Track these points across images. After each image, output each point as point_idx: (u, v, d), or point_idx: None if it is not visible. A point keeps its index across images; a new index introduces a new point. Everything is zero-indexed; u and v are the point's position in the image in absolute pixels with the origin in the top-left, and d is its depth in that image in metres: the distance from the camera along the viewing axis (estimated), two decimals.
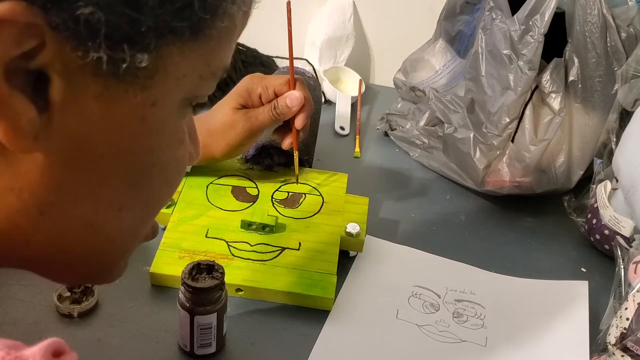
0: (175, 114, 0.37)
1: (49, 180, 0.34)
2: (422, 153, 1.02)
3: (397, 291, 0.79)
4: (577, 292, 0.81)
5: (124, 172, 0.36)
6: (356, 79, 1.20)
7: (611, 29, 0.86)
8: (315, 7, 1.21)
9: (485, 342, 0.74)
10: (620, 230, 0.83)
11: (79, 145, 0.33)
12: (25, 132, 0.31)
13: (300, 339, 0.71)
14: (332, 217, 0.82)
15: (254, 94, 0.80)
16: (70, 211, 0.36)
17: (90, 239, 0.38)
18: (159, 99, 0.35)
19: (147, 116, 0.35)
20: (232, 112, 0.79)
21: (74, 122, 0.32)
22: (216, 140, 0.80)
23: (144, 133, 0.36)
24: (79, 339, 0.68)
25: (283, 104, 0.78)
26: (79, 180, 0.35)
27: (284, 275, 0.75)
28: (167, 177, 0.40)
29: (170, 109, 0.36)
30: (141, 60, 0.32)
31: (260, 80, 0.80)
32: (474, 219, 0.93)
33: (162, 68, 0.33)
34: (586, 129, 0.90)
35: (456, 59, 1.02)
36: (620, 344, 0.68)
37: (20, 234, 0.35)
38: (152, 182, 0.39)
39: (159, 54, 0.33)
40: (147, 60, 0.32)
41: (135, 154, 0.36)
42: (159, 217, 0.80)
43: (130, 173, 0.37)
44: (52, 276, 0.41)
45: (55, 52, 0.30)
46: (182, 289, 0.65)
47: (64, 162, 0.34)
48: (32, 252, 0.37)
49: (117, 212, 0.38)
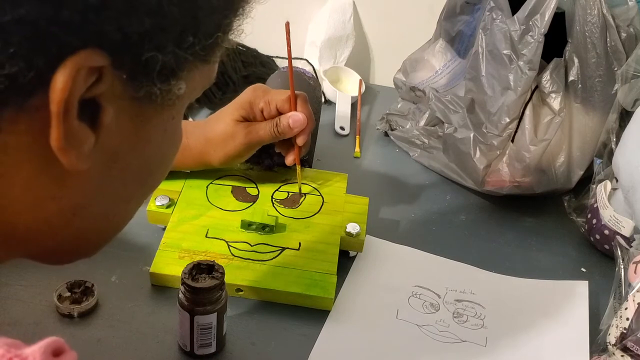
0: (180, 119, 0.42)
1: (85, 188, 0.38)
2: (422, 153, 1.02)
3: (397, 291, 0.79)
4: (577, 292, 0.81)
5: (139, 173, 0.41)
6: (356, 79, 1.20)
7: (611, 29, 0.86)
8: (315, 7, 1.21)
9: (485, 342, 0.74)
10: (620, 230, 0.83)
11: (114, 157, 0.38)
12: (84, 156, 0.35)
13: (300, 339, 0.71)
14: (332, 217, 0.82)
15: (256, 107, 0.80)
16: (95, 209, 0.40)
17: (102, 227, 0.43)
18: (178, 112, 0.41)
19: (168, 127, 0.40)
20: (233, 123, 0.79)
21: (113, 140, 0.36)
22: (214, 149, 0.80)
23: (164, 141, 0.41)
24: (79, 339, 0.68)
25: (285, 124, 0.79)
26: (108, 185, 0.39)
27: (284, 275, 0.75)
28: (166, 170, 0.45)
29: (180, 116, 0.42)
30: (180, 88, 0.37)
31: (263, 95, 0.80)
32: (474, 219, 0.93)
33: (189, 90, 0.39)
34: (586, 129, 0.90)
35: (456, 59, 1.02)
36: (620, 344, 0.68)
37: (51, 232, 0.39)
38: (156, 177, 0.44)
39: (189, 79, 0.38)
40: (185, 88, 0.37)
41: (153, 158, 0.41)
42: (159, 217, 0.81)
43: (144, 173, 0.42)
44: (54, 261, 0.44)
45: (110, 84, 0.34)
46: (182, 289, 0.65)
47: (100, 172, 0.38)
48: (55, 245, 0.41)
49: (126, 205, 0.43)
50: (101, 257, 0.78)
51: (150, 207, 0.80)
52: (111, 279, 0.75)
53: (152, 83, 0.35)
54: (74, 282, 0.72)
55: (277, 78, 0.98)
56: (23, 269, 0.75)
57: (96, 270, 0.75)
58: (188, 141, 0.79)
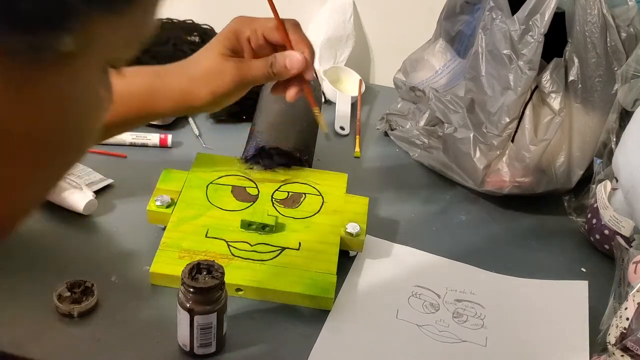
0: (94, 82, 0.34)
1: None
2: (422, 153, 1.02)
3: (397, 291, 0.79)
4: (577, 292, 0.81)
5: (30, 149, 0.33)
6: (356, 79, 1.20)
7: (611, 29, 0.86)
8: (315, 7, 1.22)
9: (485, 342, 0.74)
10: (620, 230, 0.83)
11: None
12: None
13: (300, 339, 0.71)
14: (332, 217, 0.82)
15: (243, 37, 0.72)
16: None
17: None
18: (82, 74, 0.32)
19: (67, 93, 0.32)
20: (220, 58, 0.71)
21: None
22: (199, 87, 0.71)
23: (67, 110, 0.33)
24: (79, 339, 0.68)
25: (282, 64, 0.71)
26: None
27: (284, 275, 0.75)
28: (82, 145, 0.36)
29: (89, 79, 0.33)
30: (66, 44, 0.29)
31: (249, 23, 0.72)
32: (474, 219, 0.93)
33: (84, 45, 0.30)
34: (586, 129, 0.90)
35: (456, 59, 1.02)
36: (620, 344, 0.68)
37: None
38: (68, 154, 0.36)
39: (84, 32, 0.29)
40: (72, 43, 0.29)
41: (53, 132, 0.33)
42: (159, 217, 0.80)
43: (38, 149, 0.33)
44: None
45: None
46: (182, 289, 0.65)
47: None
48: None
49: (12, 191, 0.34)
50: (101, 257, 0.79)
51: (150, 207, 0.80)
52: (111, 279, 0.75)
53: (12, 34, 0.27)
54: (74, 282, 0.72)
55: None
56: (23, 268, 0.75)
57: (96, 270, 0.75)
58: (164, 81, 0.72)
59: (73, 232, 0.81)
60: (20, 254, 0.76)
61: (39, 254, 0.77)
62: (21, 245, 0.77)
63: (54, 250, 0.78)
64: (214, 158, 0.90)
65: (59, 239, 0.79)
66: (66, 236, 0.80)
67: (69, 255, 0.78)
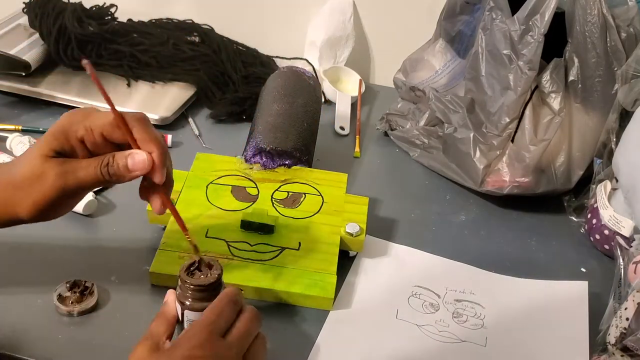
0: None
1: None
2: (422, 153, 1.02)
3: (397, 291, 0.79)
4: (577, 292, 0.81)
5: None
6: (356, 79, 1.20)
7: (611, 29, 0.86)
8: (315, 7, 1.21)
9: (485, 342, 0.74)
10: (620, 230, 0.83)
11: None
12: None
13: (300, 339, 0.71)
14: (332, 217, 0.82)
15: (73, 136, 0.60)
16: None
17: None
18: None
19: None
20: (42, 160, 0.59)
21: None
22: (21, 197, 0.60)
23: None
24: (79, 339, 0.68)
25: (123, 163, 0.60)
26: None
27: (284, 275, 0.75)
28: None
29: None
30: None
31: (83, 119, 0.60)
32: (474, 219, 0.93)
33: None
34: (586, 129, 0.90)
35: (456, 59, 1.03)
36: (620, 344, 0.68)
37: None
38: None
39: None
40: None
41: None
42: (159, 217, 0.80)
43: None
44: None
45: None
46: (178, 284, 0.64)
47: None
48: None
49: None
50: (101, 257, 0.79)
51: (150, 207, 0.80)
52: (111, 279, 0.75)
53: None
54: (74, 282, 0.72)
55: (277, 78, 0.99)
56: (23, 268, 0.75)
57: (96, 270, 0.75)
58: None
59: (73, 232, 0.81)
60: (21, 254, 0.77)
61: (39, 254, 0.77)
62: (21, 245, 0.77)
63: (54, 250, 0.78)
64: (214, 158, 0.90)
65: (59, 239, 0.79)
66: (66, 236, 0.80)
67: (69, 255, 0.78)
